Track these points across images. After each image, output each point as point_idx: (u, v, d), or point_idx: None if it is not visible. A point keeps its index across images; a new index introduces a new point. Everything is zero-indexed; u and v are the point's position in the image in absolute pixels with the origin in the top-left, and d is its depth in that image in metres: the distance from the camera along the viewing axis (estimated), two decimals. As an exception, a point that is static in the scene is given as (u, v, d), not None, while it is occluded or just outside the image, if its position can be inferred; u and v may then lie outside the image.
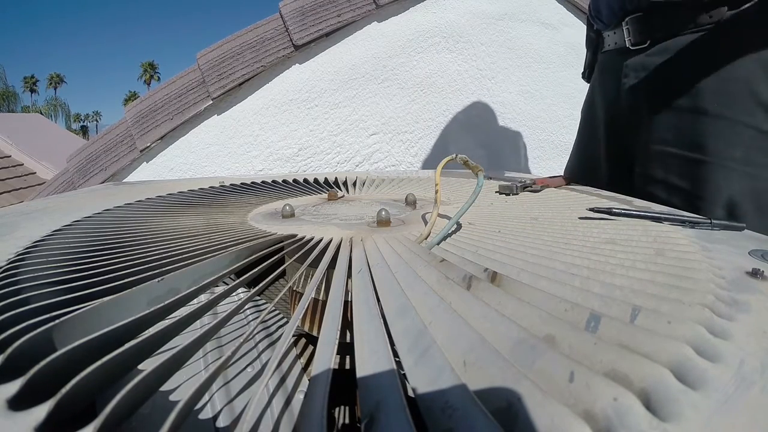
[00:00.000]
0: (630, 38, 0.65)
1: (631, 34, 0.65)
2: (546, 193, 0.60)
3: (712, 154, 0.57)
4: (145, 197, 0.56)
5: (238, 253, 0.30)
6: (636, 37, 0.64)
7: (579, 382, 0.15)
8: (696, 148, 0.58)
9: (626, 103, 0.67)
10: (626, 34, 0.66)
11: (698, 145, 0.58)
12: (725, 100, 0.56)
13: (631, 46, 0.65)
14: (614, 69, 0.69)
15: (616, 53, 0.70)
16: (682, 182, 0.60)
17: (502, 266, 0.27)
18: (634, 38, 0.65)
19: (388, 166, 1.33)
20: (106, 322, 0.21)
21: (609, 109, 0.72)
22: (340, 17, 1.18)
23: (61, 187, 1.15)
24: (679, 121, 0.60)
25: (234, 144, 1.17)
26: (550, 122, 1.51)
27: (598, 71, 0.77)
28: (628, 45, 0.65)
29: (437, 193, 0.39)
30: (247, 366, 0.32)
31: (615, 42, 0.69)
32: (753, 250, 0.31)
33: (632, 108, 0.67)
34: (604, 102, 0.73)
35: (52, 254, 0.31)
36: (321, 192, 0.62)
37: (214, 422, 0.26)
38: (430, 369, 0.17)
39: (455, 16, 1.35)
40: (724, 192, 0.56)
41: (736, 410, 0.15)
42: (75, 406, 0.16)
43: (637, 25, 0.64)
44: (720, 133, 0.57)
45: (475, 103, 1.40)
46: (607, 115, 0.73)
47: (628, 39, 0.65)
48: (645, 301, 0.22)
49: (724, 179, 0.56)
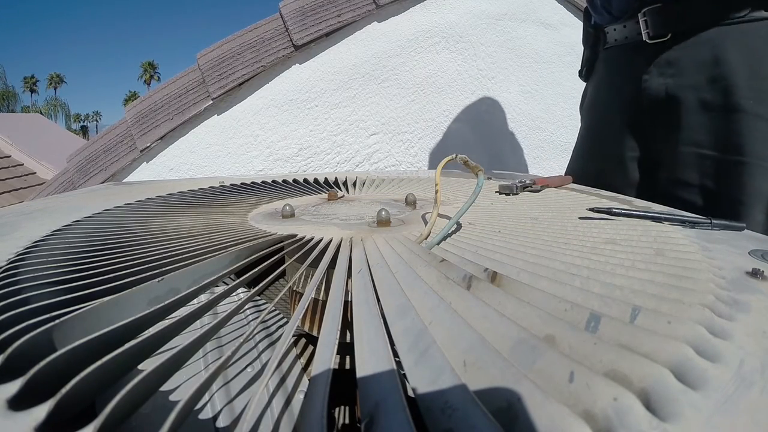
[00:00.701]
0: (648, 31, 0.60)
1: (650, 27, 0.60)
2: (546, 193, 0.60)
3: (751, 155, 0.53)
4: (145, 197, 0.56)
5: (238, 253, 0.30)
6: (656, 30, 0.60)
7: (579, 382, 0.15)
8: (733, 150, 0.55)
9: (648, 103, 0.63)
10: (643, 27, 0.61)
11: (735, 146, 0.55)
12: (763, 96, 0.53)
13: (649, 39, 0.60)
14: (628, 65, 0.65)
15: (628, 49, 0.65)
16: (718, 186, 0.56)
17: (502, 266, 0.27)
18: (654, 31, 0.60)
19: (388, 166, 1.33)
20: (106, 322, 0.21)
21: (626, 108, 0.67)
22: (340, 17, 1.18)
23: (61, 187, 1.15)
24: (713, 120, 0.56)
25: (234, 144, 1.18)
26: (550, 122, 1.51)
27: (605, 69, 0.72)
28: (645, 38, 0.61)
29: (437, 193, 0.39)
30: (247, 366, 0.32)
31: (625, 36, 0.65)
32: (753, 250, 0.31)
33: (656, 108, 0.62)
34: (619, 102, 0.69)
35: (52, 254, 0.31)
36: (321, 192, 0.62)
37: (214, 422, 0.26)
38: (430, 369, 0.17)
39: (455, 16, 1.35)
40: (766, 195, 0.53)
41: (736, 410, 0.15)
42: (75, 406, 0.16)
43: (657, 17, 0.59)
44: (758, 133, 0.53)
45: (474, 103, 1.40)
46: (623, 116, 0.68)
47: (645, 32, 0.61)
48: (645, 301, 0.22)
49: (765, 181, 0.53)
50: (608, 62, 0.71)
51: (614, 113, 0.70)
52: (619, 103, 0.69)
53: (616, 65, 0.69)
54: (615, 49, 0.68)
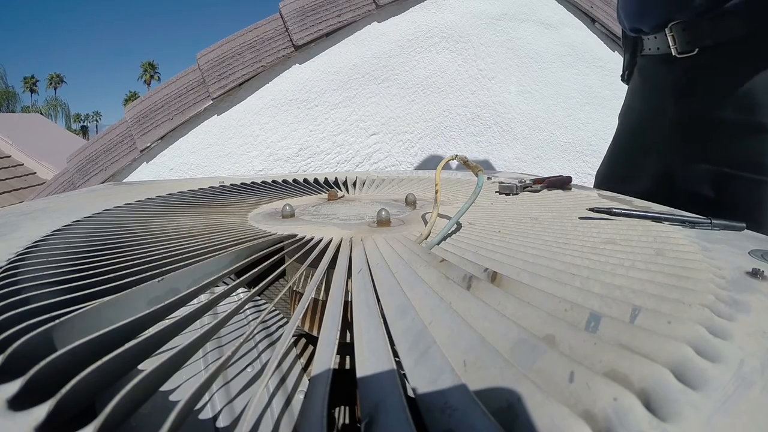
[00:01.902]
0: (676, 46, 0.59)
1: (677, 42, 0.59)
2: (546, 193, 0.60)
3: None
4: (145, 197, 0.56)
5: (238, 253, 0.30)
6: (683, 45, 0.59)
7: (579, 382, 0.15)
8: (758, 169, 0.54)
9: (674, 116, 0.62)
10: (671, 42, 0.60)
11: (758, 165, 0.53)
12: None
13: (677, 54, 0.60)
14: (658, 77, 0.65)
15: (659, 60, 0.64)
16: (739, 206, 0.55)
17: (502, 266, 0.27)
18: (681, 46, 0.59)
19: (388, 166, 1.33)
20: (106, 322, 0.21)
21: (653, 119, 0.67)
22: (340, 17, 1.18)
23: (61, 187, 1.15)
24: (738, 138, 0.55)
25: (234, 144, 1.18)
26: (550, 122, 1.51)
27: (639, 76, 0.71)
28: (673, 53, 0.60)
29: (437, 193, 0.39)
30: (247, 366, 0.32)
31: (657, 47, 0.64)
32: (753, 250, 0.31)
33: (681, 122, 0.61)
34: (647, 111, 0.68)
35: (52, 254, 0.31)
36: (321, 192, 0.62)
37: (214, 422, 0.26)
38: (430, 369, 0.17)
39: (455, 17, 1.35)
40: None
41: (736, 410, 0.15)
42: (75, 406, 0.16)
43: (683, 33, 0.58)
44: None
45: (474, 103, 1.40)
46: (651, 125, 0.67)
47: (673, 47, 0.60)
48: (645, 301, 0.22)
49: None
50: (642, 70, 0.71)
51: (643, 122, 0.69)
52: (647, 112, 0.68)
53: (648, 74, 0.69)
54: (649, 58, 0.68)
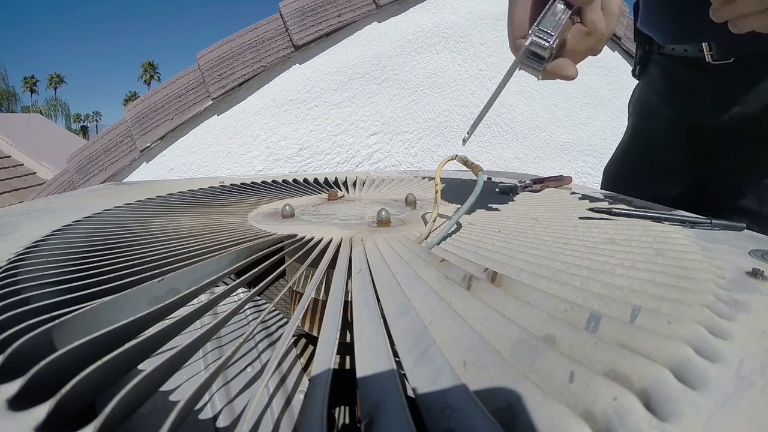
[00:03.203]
0: (711, 53, 0.57)
1: (714, 49, 0.57)
2: (546, 193, 0.60)
3: None
4: (145, 197, 0.56)
5: (238, 253, 0.30)
6: (720, 53, 0.57)
7: (579, 382, 0.15)
8: None
9: (711, 123, 0.60)
10: (706, 48, 0.57)
11: None
12: None
13: (713, 61, 0.57)
14: (687, 80, 0.62)
15: (684, 62, 0.62)
16: None
17: (502, 266, 0.27)
18: (717, 55, 0.57)
19: (388, 166, 1.33)
20: (106, 322, 0.21)
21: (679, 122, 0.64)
22: (340, 17, 1.18)
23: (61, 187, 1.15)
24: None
25: (234, 144, 1.18)
26: (550, 122, 1.51)
27: (661, 75, 0.67)
28: (707, 59, 0.58)
29: (437, 193, 0.39)
30: (247, 366, 0.32)
31: (684, 50, 0.61)
32: (753, 250, 0.31)
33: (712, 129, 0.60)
34: (671, 114, 0.65)
35: (52, 254, 0.31)
36: (321, 192, 0.62)
37: (214, 422, 0.26)
38: (430, 369, 0.17)
39: (455, 17, 1.35)
40: None
41: (736, 410, 0.15)
42: (75, 406, 0.16)
43: (722, 40, 0.56)
44: None
45: (475, 103, 1.40)
46: (675, 128, 0.65)
47: (708, 53, 0.57)
48: (645, 301, 0.22)
49: None
50: (664, 69, 0.67)
51: (667, 125, 0.67)
52: (673, 116, 0.66)
53: (672, 75, 0.65)
54: (671, 58, 0.65)
